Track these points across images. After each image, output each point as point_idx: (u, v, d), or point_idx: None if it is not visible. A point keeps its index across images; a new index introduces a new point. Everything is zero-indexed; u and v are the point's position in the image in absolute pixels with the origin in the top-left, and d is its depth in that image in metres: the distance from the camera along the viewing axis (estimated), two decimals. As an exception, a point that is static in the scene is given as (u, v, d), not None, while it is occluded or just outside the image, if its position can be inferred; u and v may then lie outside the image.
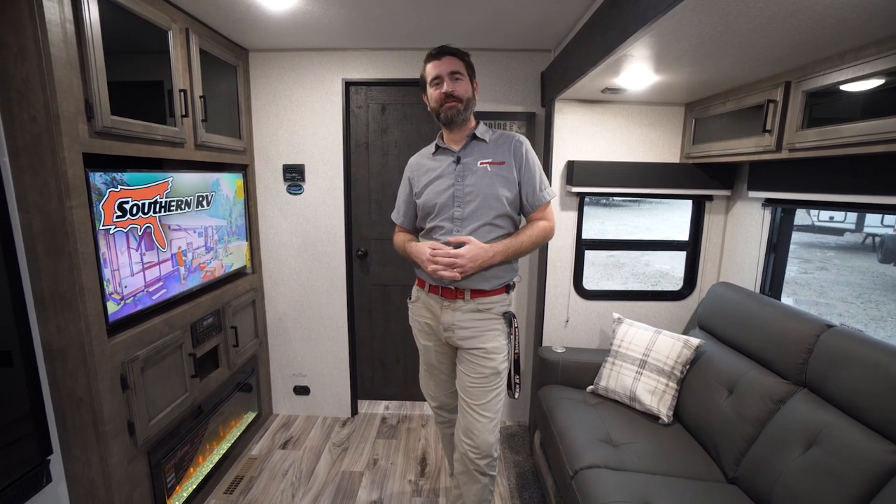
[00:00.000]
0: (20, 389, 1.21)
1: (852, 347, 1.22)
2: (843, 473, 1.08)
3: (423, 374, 1.63)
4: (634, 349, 1.80)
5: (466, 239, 1.32)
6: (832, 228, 11.82)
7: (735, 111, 1.63)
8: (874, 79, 1.10)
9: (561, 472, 1.50)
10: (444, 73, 1.32)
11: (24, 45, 1.13)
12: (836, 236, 11.53)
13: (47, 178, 1.20)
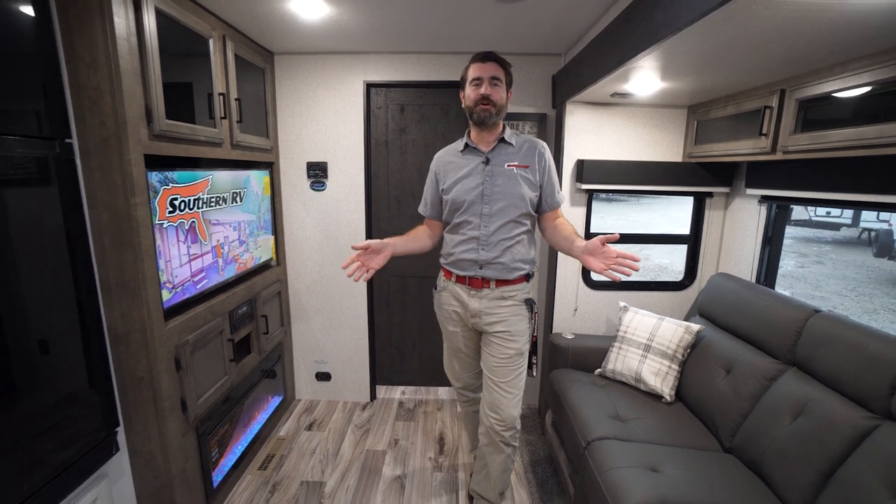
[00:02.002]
0: (95, 369, 1.35)
1: (836, 330, 1.37)
2: (825, 438, 1.23)
3: (449, 357, 1.77)
4: (639, 335, 1.94)
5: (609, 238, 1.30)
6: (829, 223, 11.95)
7: (734, 115, 1.77)
8: (859, 88, 1.24)
9: (574, 444, 1.65)
10: (486, 77, 1.45)
11: (96, 58, 1.26)
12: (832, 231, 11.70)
13: (114, 178, 1.33)
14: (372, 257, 1.46)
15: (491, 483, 1.60)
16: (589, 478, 1.48)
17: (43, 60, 1.16)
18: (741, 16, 0.95)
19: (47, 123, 1.18)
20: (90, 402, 1.34)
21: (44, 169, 1.17)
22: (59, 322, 1.24)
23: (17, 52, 1.10)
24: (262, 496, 1.93)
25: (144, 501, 1.58)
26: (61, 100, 1.23)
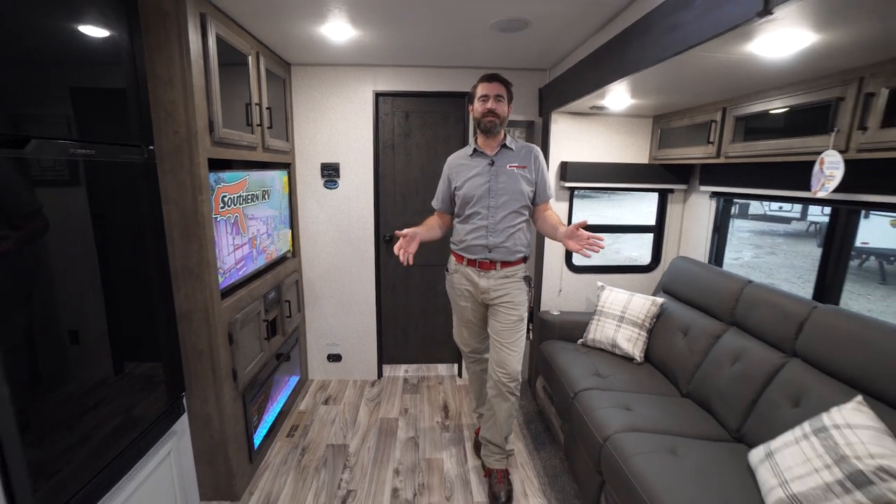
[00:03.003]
0: (171, 342, 1.60)
1: (762, 295, 1.77)
2: (753, 375, 1.63)
3: (459, 327, 2.09)
4: (614, 309, 2.32)
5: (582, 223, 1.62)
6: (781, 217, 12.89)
7: (689, 125, 2.16)
8: (777, 109, 1.63)
9: (564, 396, 2.01)
10: (491, 94, 1.76)
11: (172, 77, 1.50)
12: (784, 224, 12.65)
13: (184, 179, 1.58)
14: (409, 243, 1.76)
15: (498, 428, 1.94)
16: (577, 419, 1.83)
17: (136, 82, 1.40)
18: (687, 62, 1.30)
19: (138, 133, 1.42)
20: (168, 369, 1.59)
21: (136, 171, 1.41)
22: (146, 301, 1.48)
23: (119, 75, 1.34)
24: (294, 457, 2.20)
25: (202, 458, 1.84)
26: (147, 113, 1.47)
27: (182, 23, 1.47)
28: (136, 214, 1.44)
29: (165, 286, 1.59)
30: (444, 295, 2.93)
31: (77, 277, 1.19)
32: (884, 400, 1.25)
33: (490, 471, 1.99)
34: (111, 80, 1.32)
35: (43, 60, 1.09)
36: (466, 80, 2.60)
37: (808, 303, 1.62)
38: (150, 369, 1.51)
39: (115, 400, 1.33)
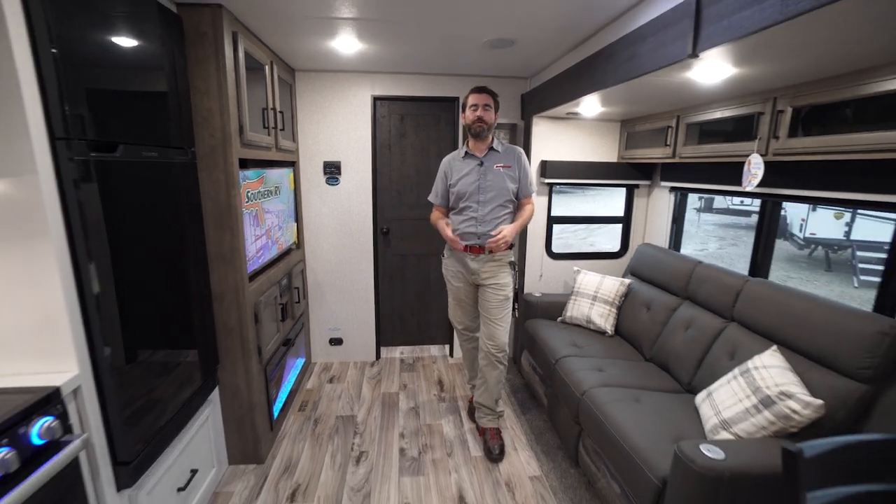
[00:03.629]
0: (209, 320, 1.83)
1: (708, 272, 2.13)
2: (700, 339, 1.98)
3: (453, 306, 2.37)
4: (588, 289, 2.66)
5: (503, 228, 2.04)
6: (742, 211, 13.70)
7: (650, 129, 2.50)
8: (717, 118, 1.98)
9: (546, 363, 2.33)
10: (480, 104, 2.05)
11: (209, 87, 1.72)
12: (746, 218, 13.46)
13: (218, 176, 1.80)
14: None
15: (489, 393, 2.24)
16: (558, 381, 2.16)
17: (183, 93, 1.62)
18: (644, 82, 1.62)
19: (184, 138, 1.64)
20: (206, 344, 1.82)
21: (183, 170, 1.64)
22: (193, 282, 1.71)
23: (174, 90, 1.56)
24: (308, 427, 2.45)
25: (230, 426, 2.07)
26: (190, 120, 1.69)
27: (219, 41, 1.69)
28: (183, 206, 1.66)
29: (204, 269, 1.82)
30: (436, 282, 3.23)
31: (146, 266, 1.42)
32: (790, 347, 1.61)
33: (484, 430, 2.30)
34: (166, 95, 1.54)
35: (120, 83, 1.31)
36: (457, 86, 2.89)
37: (742, 277, 1.98)
38: (195, 342, 1.74)
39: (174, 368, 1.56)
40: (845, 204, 1.58)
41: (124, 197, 1.31)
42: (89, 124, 1.15)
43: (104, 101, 1.23)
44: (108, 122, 1.24)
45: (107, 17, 1.23)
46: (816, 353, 1.53)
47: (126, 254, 1.31)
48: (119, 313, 1.28)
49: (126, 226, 1.31)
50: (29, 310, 1.09)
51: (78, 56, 1.11)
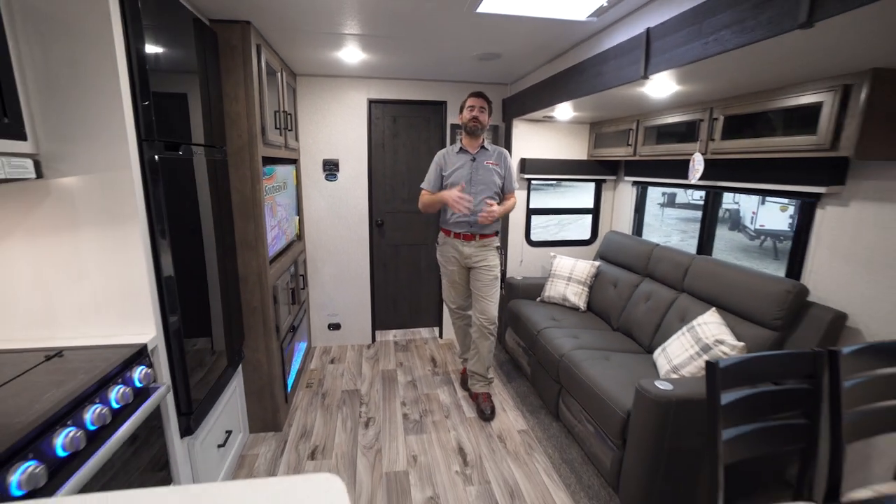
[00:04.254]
0: (236, 300, 2.06)
1: (664, 253, 2.53)
2: (657, 308, 2.37)
3: (447, 288, 2.68)
4: (563, 272, 3.02)
5: (493, 203, 2.35)
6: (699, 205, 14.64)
7: (615, 131, 2.88)
8: (670, 122, 2.36)
9: (529, 335, 2.68)
10: (476, 106, 2.36)
11: (237, 93, 1.96)
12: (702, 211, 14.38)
13: (245, 172, 2.04)
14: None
15: (481, 361, 2.56)
16: (540, 348, 2.51)
17: (217, 98, 1.85)
18: (608, 94, 1.97)
19: (218, 138, 1.88)
20: (237, 321, 2.05)
21: (218, 166, 1.87)
22: (225, 267, 1.94)
23: (213, 94, 1.79)
24: (317, 400, 2.71)
25: (252, 396, 2.30)
26: (221, 122, 1.92)
27: (246, 53, 1.93)
28: (219, 198, 1.89)
29: (234, 254, 2.05)
30: (426, 270, 3.53)
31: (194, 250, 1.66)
32: (725, 308, 2.01)
33: (476, 395, 2.62)
34: (209, 100, 1.77)
35: (177, 91, 1.55)
36: (445, 91, 3.19)
37: (691, 255, 2.39)
38: (230, 319, 1.97)
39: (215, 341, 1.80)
40: (762, 193, 1.98)
41: (181, 189, 1.54)
42: (161, 128, 1.39)
43: (168, 108, 1.47)
44: (173, 126, 1.48)
45: (167, 37, 1.46)
46: (742, 310, 1.93)
47: (180, 239, 1.54)
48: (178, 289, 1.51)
49: (180, 215, 1.55)
50: (121, 281, 1.33)
51: (152, 71, 1.35)
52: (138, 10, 1.25)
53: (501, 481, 2.03)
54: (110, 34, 1.19)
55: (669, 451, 1.63)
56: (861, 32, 1.05)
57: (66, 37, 1.18)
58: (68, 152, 1.24)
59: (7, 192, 1.24)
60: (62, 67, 1.19)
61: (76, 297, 1.32)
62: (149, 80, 1.30)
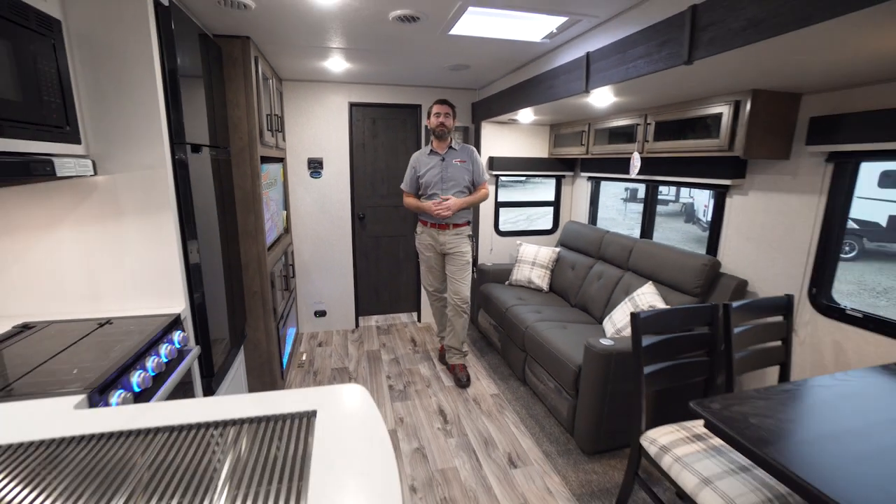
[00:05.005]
0: (239, 284, 2.31)
1: (613, 238, 2.95)
2: (608, 285, 2.78)
3: (425, 272, 3.00)
4: (528, 257, 3.40)
5: (449, 197, 2.70)
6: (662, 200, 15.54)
7: (571, 132, 3.28)
8: (614, 125, 2.77)
9: (499, 312, 3.04)
10: (442, 112, 2.68)
11: (238, 100, 2.21)
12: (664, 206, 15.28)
13: (246, 169, 2.29)
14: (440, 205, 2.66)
15: (457, 336, 2.90)
16: (508, 322, 2.87)
17: (221, 105, 2.10)
18: (561, 102, 2.34)
19: (223, 140, 2.12)
20: (241, 302, 2.30)
21: (222, 165, 2.11)
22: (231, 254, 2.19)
23: (218, 101, 2.03)
24: (309, 377, 2.98)
25: (252, 372, 2.55)
26: (225, 125, 2.16)
27: (247, 64, 2.18)
28: (225, 193, 2.14)
29: (237, 243, 2.30)
30: (404, 259, 3.84)
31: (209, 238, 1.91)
32: (659, 281, 2.43)
33: (453, 366, 2.96)
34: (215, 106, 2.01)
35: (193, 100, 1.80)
36: (420, 95, 3.50)
37: (634, 238, 2.81)
38: (235, 300, 2.22)
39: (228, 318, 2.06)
40: (687, 185, 2.41)
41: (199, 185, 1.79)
42: (188, 132, 1.64)
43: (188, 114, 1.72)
44: (193, 130, 1.73)
45: (188, 55, 1.71)
46: (672, 282, 2.35)
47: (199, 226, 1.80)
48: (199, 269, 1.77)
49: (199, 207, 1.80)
50: (156, 262, 1.58)
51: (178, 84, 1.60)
52: (172, 34, 1.50)
53: (477, 434, 2.38)
54: (150, 55, 1.44)
55: (612, 394, 2.02)
56: (729, 67, 1.45)
57: (113, 58, 1.42)
58: (113, 153, 1.48)
59: (60, 188, 1.47)
60: (109, 83, 1.43)
61: (118, 277, 1.57)
62: (179, 92, 1.55)
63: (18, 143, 1.12)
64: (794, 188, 1.94)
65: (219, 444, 0.86)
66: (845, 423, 1.15)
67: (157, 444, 0.85)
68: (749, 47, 1.19)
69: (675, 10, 1.43)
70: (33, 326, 1.43)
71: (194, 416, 0.94)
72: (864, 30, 1.03)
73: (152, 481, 0.75)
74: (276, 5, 1.79)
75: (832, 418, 1.19)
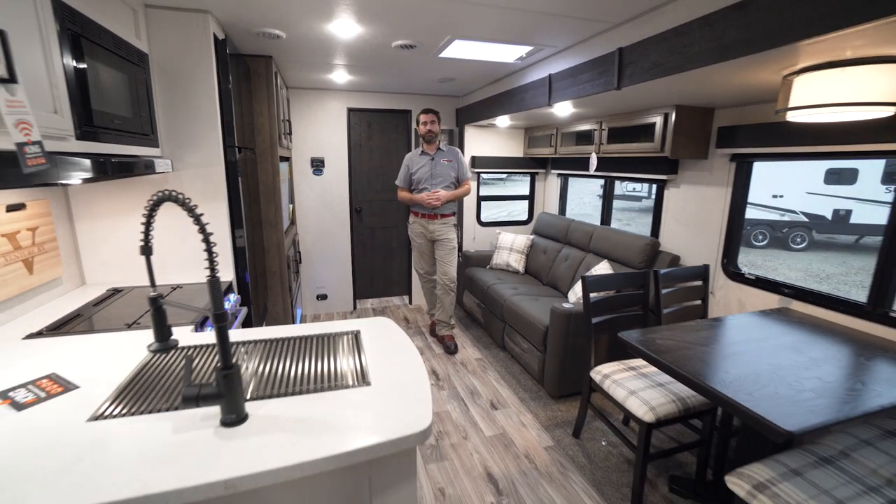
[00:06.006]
0: (262, 265, 2.73)
1: (577, 226, 3.48)
2: (573, 266, 3.31)
3: (416, 258, 3.46)
4: (506, 244, 3.91)
5: (439, 190, 3.17)
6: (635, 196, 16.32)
7: (542, 135, 3.79)
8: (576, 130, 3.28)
9: (482, 290, 3.53)
10: (429, 120, 3.14)
11: (262, 110, 2.62)
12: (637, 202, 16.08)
13: (268, 167, 2.70)
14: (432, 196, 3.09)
15: (445, 311, 3.38)
16: (490, 298, 3.37)
17: (248, 112, 2.51)
18: (532, 112, 2.84)
19: (250, 142, 2.53)
20: (264, 281, 2.72)
21: (249, 163, 2.53)
22: (257, 239, 2.60)
23: (247, 110, 2.45)
24: (317, 349, 3.40)
25: (271, 341, 2.97)
26: (252, 130, 2.57)
27: (269, 79, 2.60)
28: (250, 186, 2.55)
29: (261, 230, 2.71)
30: (397, 248, 4.29)
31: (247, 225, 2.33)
32: (612, 259, 2.97)
33: (442, 337, 3.44)
34: (243, 114, 2.43)
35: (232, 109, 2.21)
36: (410, 102, 3.95)
37: (594, 225, 3.34)
38: (258, 279, 2.64)
39: (259, 294, 2.48)
40: (631, 180, 2.94)
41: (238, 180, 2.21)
42: (236, 137, 2.06)
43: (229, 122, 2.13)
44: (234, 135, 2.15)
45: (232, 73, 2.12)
46: (622, 259, 2.89)
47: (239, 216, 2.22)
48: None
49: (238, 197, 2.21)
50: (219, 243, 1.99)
51: (229, 99, 2.01)
52: (226, 60, 1.93)
53: (464, 387, 2.86)
54: (211, 78, 1.86)
55: (572, 347, 2.53)
56: (650, 91, 1.95)
57: (183, 81, 1.84)
58: (180, 155, 1.89)
59: (138, 183, 1.88)
60: (179, 100, 1.85)
61: (181, 252, 1.98)
62: (230, 105, 1.97)
63: (129, 147, 1.54)
64: (711, 182, 2.48)
65: (305, 345, 1.32)
66: (728, 344, 1.68)
67: (271, 346, 1.31)
68: (655, 80, 1.70)
69: (609, 49, 1.93)
70: (121, 290, 1.83)
71: (284, 333, 1.39)
72: (724, 73, 1.55)
73: (285, 355, 1.20)
74: (302, 36, 2.22)
75: (718, 341, 1.72)
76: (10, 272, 1.43)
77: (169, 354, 1.27)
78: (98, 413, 0.95)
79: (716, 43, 1.39)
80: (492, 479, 2.04)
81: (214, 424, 0.92)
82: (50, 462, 0.79)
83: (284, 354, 1.27)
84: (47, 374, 1.10)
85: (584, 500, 1.91)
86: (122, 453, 0.82)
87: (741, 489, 1.34)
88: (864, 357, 1.59)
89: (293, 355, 1.26)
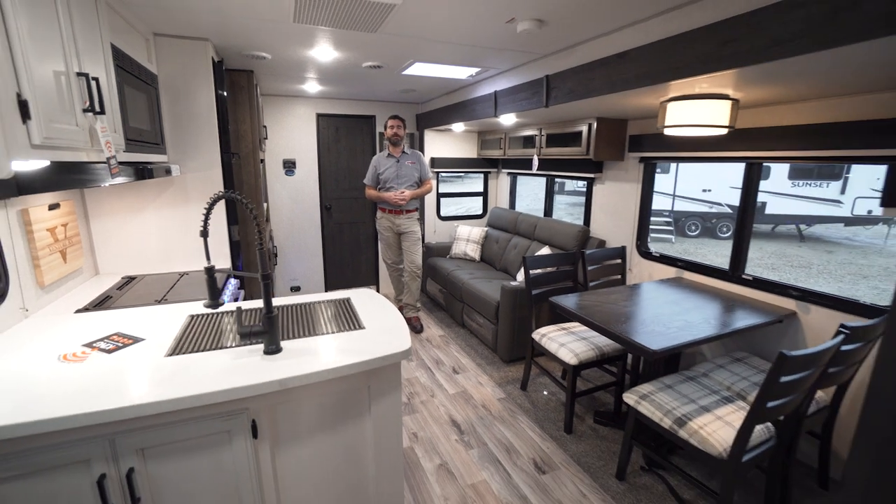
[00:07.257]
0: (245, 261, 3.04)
1: (524, 218, 4.02)
2: (521, 252, 3.84)
3: (384, 249, 3.86)
4: (464, 236, 4.39)
5: (405, 190, 3.60)
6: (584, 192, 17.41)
7: (493, 139, 4.29)
8: (522, 135, 3.81)
9: (443, 276, 3.99)
10: (395, 125, 3.55)
11: (243, 118, 2.93)
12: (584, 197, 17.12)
13: (251, 169, 3.01)
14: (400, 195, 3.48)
15: (412, 295, 3.81)
16: (450, 282, 3.84)
17: (233, 122, 2.82)
18: (482, 120, 3.32)
19: (235, 147, 2.84)
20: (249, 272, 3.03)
21: (234, 166, 2.83)
22: (242, 234, 2.91)
23: (231, 118, 2.76)
24: (295, 334, 3.74)
25: (254, 327, 3.28)
26: (237, 137, 2.88)
27: (250, 90, 2.91)
28: (238, 186, 2.86)
29: (245, 224, 3.02)
30: (364, 242, 4.66)
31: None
32: (552, 245, 3.52)
33: (410, 318, 3.87)
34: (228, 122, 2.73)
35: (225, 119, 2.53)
36: (374, 108, 4.33)
37: (538, 217, 3.89)
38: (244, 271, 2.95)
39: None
40: (567, 178, 3.51)
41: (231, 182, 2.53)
42: (230, 143, 2.38)
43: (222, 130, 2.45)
44: (227, 142, 2.47)
45: (224, 88, 2.44)
46: (560, 245, 3.44)
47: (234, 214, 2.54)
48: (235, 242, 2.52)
49: (232, 196, 2.54)
50: (211, 234, 2.31)
51: (225, 110, 2.33)
52: (222, 78, 2.25)
53: (430, 359, 3.31)
54: (210, 93, 2.19)
55: (519, 318, 3.05)
56: (573, 109, 2.48)
57: (186, 97, 2.15)
58: (183, 160, 2.20)
59: (148, 184, 2.17)
60: (182, 112, 2.16)
61: (185, 245, 2.29)
62: (225, 116, 2.30)
63: (149, 156, 1.87)
64: (627, 179, 3.07)
65: (311, 308, 1.72)
66: (630, 304, 2.24)
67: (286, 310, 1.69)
68: (574, 102, 2.22)
69: (539, 75, 2.43)
70: (135, 278, 2.13)
71: (291, 301, 1.78)
72: (618, 99, 2.09)
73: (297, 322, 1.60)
74: (285, 58, 2.57)
75: (624, 301, 2.28)
76: (52, 261, 1.72)
77: (205, 318, 1.63)
78: (171, 352, 1.32)
79: (607, 80, 1.92)
80: (455, 424, 2.50)
81: (259, 354, 1.31)
82: (157, 375, 1.16)
83: (297, 314, 1.66)
84: (115, 332, 1.44)
85: (528, 433, 2.42)
86: (201, 371, 1.20)
87: (631, 399, 1.89)
88: (723, 307, 2.20)
89: (303, 314, 1.66)
